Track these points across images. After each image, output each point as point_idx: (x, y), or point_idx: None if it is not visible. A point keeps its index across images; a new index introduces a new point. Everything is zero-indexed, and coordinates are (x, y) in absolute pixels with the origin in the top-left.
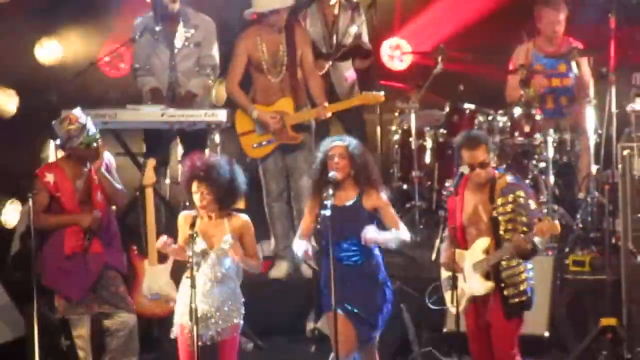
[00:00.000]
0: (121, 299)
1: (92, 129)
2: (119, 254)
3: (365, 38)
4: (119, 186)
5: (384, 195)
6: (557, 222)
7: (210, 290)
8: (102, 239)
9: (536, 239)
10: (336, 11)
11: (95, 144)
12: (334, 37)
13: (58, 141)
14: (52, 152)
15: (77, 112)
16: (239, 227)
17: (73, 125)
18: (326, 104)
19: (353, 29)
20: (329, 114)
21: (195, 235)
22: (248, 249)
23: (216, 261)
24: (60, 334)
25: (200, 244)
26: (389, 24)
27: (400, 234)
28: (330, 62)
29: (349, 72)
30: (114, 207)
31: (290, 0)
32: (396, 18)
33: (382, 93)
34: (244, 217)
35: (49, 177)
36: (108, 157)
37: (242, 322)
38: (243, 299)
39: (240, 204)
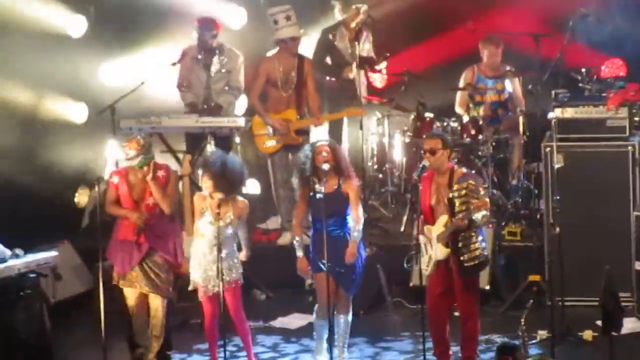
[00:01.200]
0: (156, 285)
1: (148, 153)
2: (167, 245)
3: (371, 52)
4: (166, 196)
5: (355, 184)
6: (487, 199)
7: (214, 251)
8: (151, 232)
9: (475, 216)
10: (357, 31)
11: (146, 167)
12: (356, 49)
13: (123, 156)
14: (110, 152)
15: (140, 138)
16: (239, 209)
17: (133, 150)
18: (320, 115)
19: (366, 45)
20: (323, 123)
21: (203, 210)
22: (238, 228)
23: (219, 229)
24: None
25: (208, 218)
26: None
27: (359, 226)
28: (355, 67)
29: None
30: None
31: (302, 31)
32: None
33: (364, 108)
34: (243, 200)
35: (114, 179)
36: (170, 172)
37: (240, 276)
38: (238, 258)
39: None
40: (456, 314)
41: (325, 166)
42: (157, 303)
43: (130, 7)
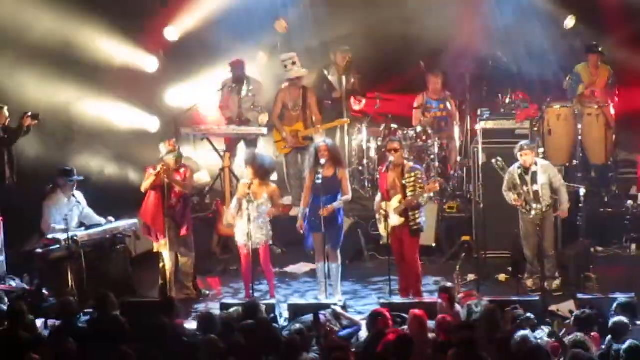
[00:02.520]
0: (179, 246)
1: (179, 151)
2: (185, 223)
3: (356, 85)
4: (186, 184)
5: (346, 173)
6: (437, 185)
7: (254, 221)
8: (177, 214)
9: (421, 198)
10: (344, 69)
11: (178, 162)
12: (343, 82)
13: (162, 154)
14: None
15: (173, 140)
16: (270, 190)
17: (171, 146)
18: (319, 126)
19: (352, 80)
20: (322, 131)
21: (249, 194)
22: (275, 203)
23: (256, 207)
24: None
25: (250, 198)
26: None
27: (345, 199)
28: (340, 93)
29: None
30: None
31: (304, 71)
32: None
33: (348, 119)
34: (273, 185)
35: (151, 170)
36: (188, 169)
37: (270, 239)
38: (270, 227)
39: (273, 177)
40: None
41: (322, 160)
42: (181, 261)
43: (188, 51)
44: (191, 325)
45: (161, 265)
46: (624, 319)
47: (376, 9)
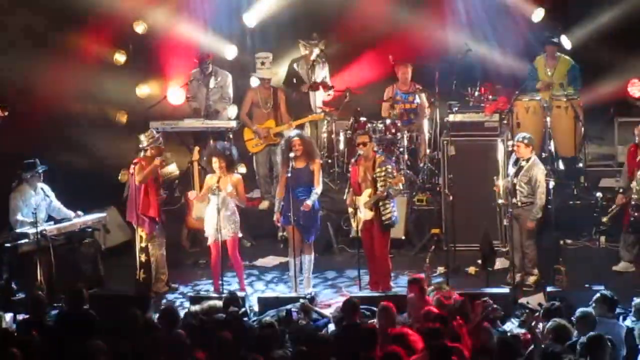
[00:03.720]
0: (151, 240)
1: (158, 141)
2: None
3: (327, 78)
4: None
5: (318, 165)
6: (402, 177)
7: (221, 213)
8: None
9: (390, 190)
10: (313, 61)
11: (159, 149)
12: (312, 77)
13: (142, 145)
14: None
15: (154, 131)
16: (235, 181)
17: (151, 137)
18: (292, 122)
19: (322, 73)
20: (294, 127)
21: (215, 186)
22: (239, 193)
23: (223, 198)
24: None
25: (217, 190)
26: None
27: (315, 191)
28: (308, 86)
29: (318, 96)
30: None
31: (271, 73)
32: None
33: (321, 114)
34: (238, 175)
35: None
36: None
37: (239, 231)
38: (238, 218)
39: (241, 170)
40: None
41: (292, 154)
42: (152, 252)
43: (156, 45)
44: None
45: (144, 259)
46: (590, 310)
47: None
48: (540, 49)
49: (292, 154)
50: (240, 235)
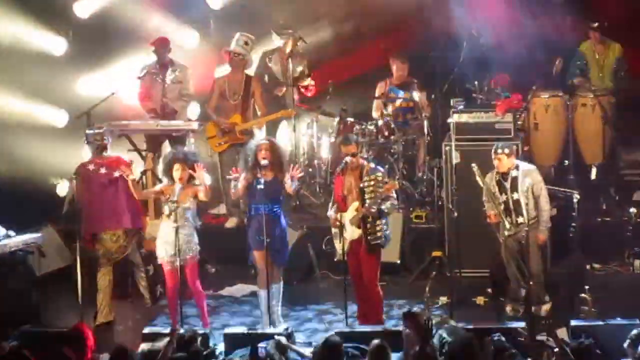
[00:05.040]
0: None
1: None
2: None
3: (304, 74)
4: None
5: (288, 180)
6: (396, 181)
7: (180, 231)
8: None
9: (383, 206)
10: (289, 54)
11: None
12: (288, 71)
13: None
14: (86, 150)
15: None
16: (194, 190)
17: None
18: (260, 119)
19: (299, 68)
20: (263, 124)
21: (169, 197)
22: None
23: (183, 213)
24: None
25: (172, 203)
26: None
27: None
28: (284, 88)
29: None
30: None
31: (247, 55)
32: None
33: (292, 110)
34: (197, 185)
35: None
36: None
37: (198, 254)
38: (197, 239)
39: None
40: None
41: (264, 162)
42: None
43: (102, 30)
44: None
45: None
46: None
47: None
48: (563, 37)
49: (263, 162)
50: (198, 257)
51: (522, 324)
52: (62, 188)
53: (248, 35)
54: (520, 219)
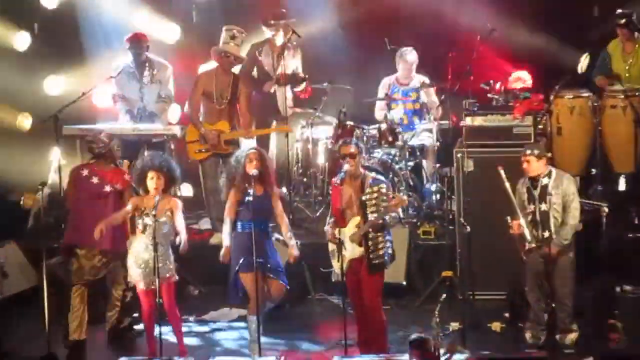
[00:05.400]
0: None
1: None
2: None
3: (299, 69)
4: None
5: (279, 191)
6: (405, 197)
7: (157, 248)
8: None
9: (387, 217)
10: (281, 49)
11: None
12: (280, 67)
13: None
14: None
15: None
16: (172, 205)
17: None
18: (252, 130)
19: (293, 62)
20: (253, 137)
21: (143, 210)
22: (176, 220)
23: (160, 227)
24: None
25: (147, 217)
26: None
27: (286, 225)
28: (275, 85)
29: (288, 93)
30: None
31: (236, 50)
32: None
33: (289, 128)
34: (176, 200)
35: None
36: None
37: (175, 273)
38: (172, 257)
39: (187, 192)
40: None
41: (255, 172)
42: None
43: (72, 24)
44: None
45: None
46: None
47: None
48: (587, 31)
49: (253, 172)
50: (175, 277)
51: (543, 354)
52: (27, 200)
53: (235, 27)
54: (546, 234)
